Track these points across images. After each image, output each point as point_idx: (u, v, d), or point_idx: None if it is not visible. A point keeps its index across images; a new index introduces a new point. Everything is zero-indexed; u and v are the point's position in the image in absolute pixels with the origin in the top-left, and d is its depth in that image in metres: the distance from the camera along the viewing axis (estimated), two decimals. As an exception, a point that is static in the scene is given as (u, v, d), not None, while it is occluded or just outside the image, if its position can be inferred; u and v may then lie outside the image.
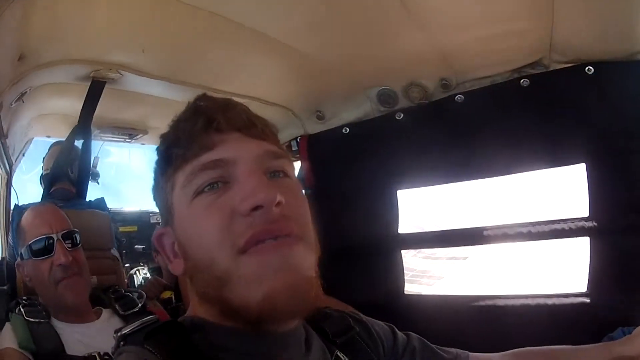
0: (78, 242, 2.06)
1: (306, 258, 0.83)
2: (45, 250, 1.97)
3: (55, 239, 1.98)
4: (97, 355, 1.83)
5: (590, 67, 1.98)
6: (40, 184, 3.13)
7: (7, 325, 1.87)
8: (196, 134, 0.88)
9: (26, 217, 2.08)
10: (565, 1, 1.68)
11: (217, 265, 0.80)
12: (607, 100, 1.98)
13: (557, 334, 1.80)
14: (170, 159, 0.89)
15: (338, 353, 1.00)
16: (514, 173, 2.34)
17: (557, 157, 2.15)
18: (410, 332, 1.16)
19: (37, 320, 1.91)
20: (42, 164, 3.17)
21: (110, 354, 1.01)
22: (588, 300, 2.04)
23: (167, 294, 2.89)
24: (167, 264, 0.95)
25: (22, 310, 1.95)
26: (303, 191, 2.86)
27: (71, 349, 1.87)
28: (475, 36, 1.97)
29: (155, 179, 0.96)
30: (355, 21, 1.95)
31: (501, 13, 1.83)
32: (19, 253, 2.05)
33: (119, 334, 1.01)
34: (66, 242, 2.01)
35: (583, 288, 2.08)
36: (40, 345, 1.81)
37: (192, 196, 0.84)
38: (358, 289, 2.63)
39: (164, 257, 0.95)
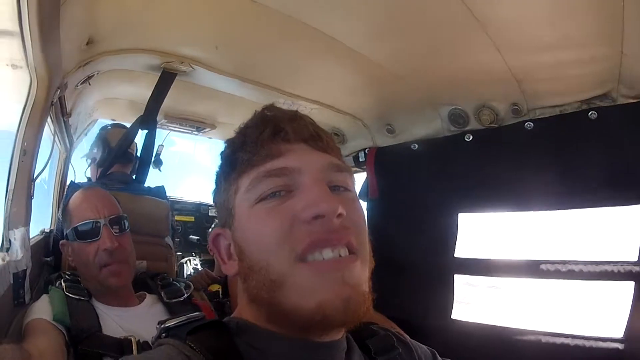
0: (126, 227, 2.08)
1: (362, 274, 0.85)
2: (91, 234, 1.97)
3: (102, 224, 1.98)
4: (132, 339, 1.80)
5: None
6: (90, 163, 3.13)
7: (45, 297, 1.87)
8: (263, 141, 0.90)
9: (74, 199, 2.09)
10: (633, 32, 1.68)
11: (273, 269, 0.82)
12: None
13: None
14: (235, 164, 0.93)
15: None
16: (574, 208, 2.27)
17: (617, 196, 2.09)
18: None
19: (77, 297, 1.90)
20: (95, 147, 3.13)
21: (150, 342, 1.03)
22: (622, 347, 1.97)
23: (215, 287, 2.92)
24: (220, 264, 0.97)
25: (63, 284, 1.95)
26: (363, 203, 2.69)
27: (110, 330, 1.84)
28: (547, 60, 1.97)
29: (217, 182, 0.99)
30: (431, 36, 1.97)
31: (573, 39, 1.83)
32: (65, 234, 2.08)
33: (162, 325, 1.01)
34: (114, 227, 2.01)
35: (617, 334, 2.01)
36: (77, 321, 1.77)
37: (255, 201, 0.87)
38: (406, 307, 2.60)
39: (218, 258, 0.98)
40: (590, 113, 2.09)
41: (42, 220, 2.64)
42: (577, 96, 2.13)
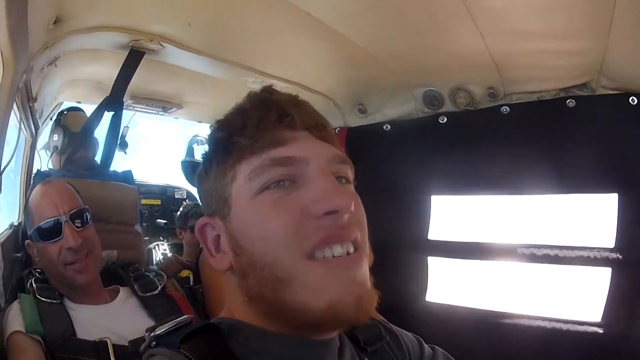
0: (88, 220, 1.99)
1: (367, 271, 0.81)
2: (53, 233, 1.87)
3: (63, 221, 1.88)
4: (108, 340, 1.75)
5: (634, 98, 1.98)
6: (52, 153, 2.97)
7: (16, 306, 1.80)
8: (267, 126, 0.84)
9: (33, 197, 2.00)
10: (621, 29, 1.70)
11: (280, 266, 0.77)
12: None
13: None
14: (232, 149, 0.85)
15: None
16: (548, 194, 2.31)
17: (592, 184, 2.16)
18: (436, 347, 1.13)
19: (48, 300, 1.84)
20: (54, 135, 2.98)
21: (140, 351, 0.88)
22: (601, 331, 2.05)
23: (185, 273, 2.88)
24: (207, 257, 0.91)
25: (34, 285, 1.91)
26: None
27: (85, 332, 1.79)
28: (531, 49, 1.99)
29: (207, 167, 0.90)
30: (413, 17, 1.94)
31: (560, 30, 1.85)
32: (29, 234, 1.98)
33: (151, 334, 0.89)
34: (75, 222, 1.91)
35: (595, 318, 2.09)
36: (50, 327, 1.73)
37: (257, 191, 0.80)
38: (380, 290, 2.33)
39: (205, 250, 0.91)
40: (568, 101, 2.12)
41: (9, 212, 2.54)
42: (556, 84, 2.16)
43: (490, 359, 2.18)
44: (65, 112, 3.00)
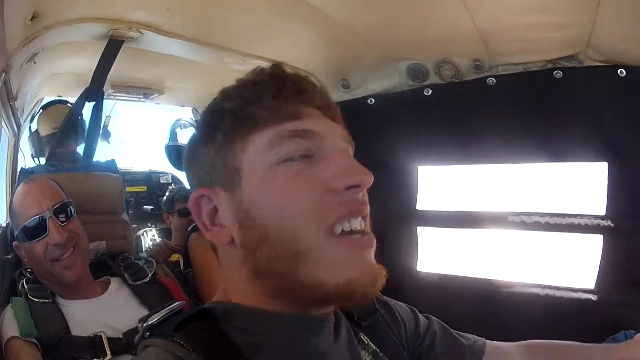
0: (72, 213, 1.96)
1: None
2: (38, 231, 1.85)
3: (47, 217, 1.85)
4: (102, 335, 1.76)
5: (623, 70, 1.99)
6: (34, 145, 3.03)
7: (9, 310, 1.78)
8: (286, 99, 0.82)
9: (16, 197, 1.98)
10: (610, 1, 1.70)
11: (301, 240, 0.76)
12: (635, 104, 2.01)
13: (561, 327, 2.06)
14: (243, 119, 0.82)
15: (362, 336, 0.98)
16: (535, 162, 2.37)
17: (581, 153, 2.20)
18: (431, 316, 1.15)
19: (41, 300, 1.84)
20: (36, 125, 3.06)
21: (135, 342, 0.85)
22: (594, 298, 2.11)
23: (174, 257, 2.88)
24: (202, 231, 0.87)
25: (25, 286, 1.90)
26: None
27: (79, 328, 1.79)
28: (518, 22, 1.99)
29: (210, 137, 0.85)
30: None
31: (548, 4, 1.85)
32: (15, 235, 1.96)
33: (144, 324, 0.85)
34: (60, 217, 1.89)
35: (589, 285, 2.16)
36: (44, 328, 1.73)
37: (275, 162, 0.78)
38: None
39: (199, 223, 0.87)
40: (555, 72, 2.13)
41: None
42: (543, 55, 2.17)
43: (483, 327, 2.15)
44: (40, 110, 3.02)
